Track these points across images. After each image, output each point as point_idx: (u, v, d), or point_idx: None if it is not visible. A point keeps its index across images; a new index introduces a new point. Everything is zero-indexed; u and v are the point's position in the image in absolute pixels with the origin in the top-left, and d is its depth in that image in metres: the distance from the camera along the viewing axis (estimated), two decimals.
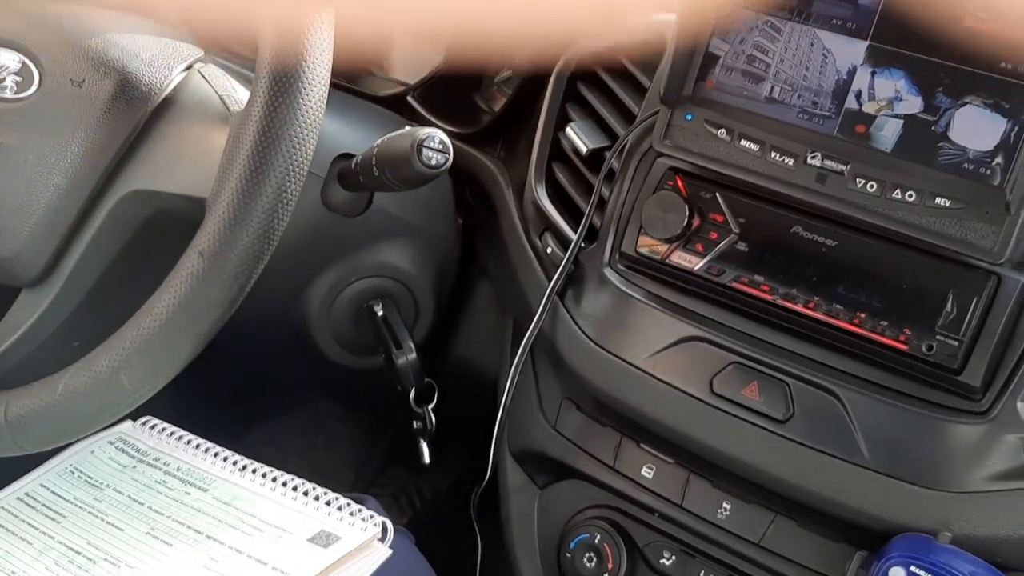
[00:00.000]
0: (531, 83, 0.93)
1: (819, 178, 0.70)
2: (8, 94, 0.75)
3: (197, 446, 0.82)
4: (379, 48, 1.09)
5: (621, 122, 0.84)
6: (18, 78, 0.76)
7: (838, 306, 0.71)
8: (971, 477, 0.66)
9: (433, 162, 0.77)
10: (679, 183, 0.77)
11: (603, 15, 0.87)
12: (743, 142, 0.73)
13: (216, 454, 0.81)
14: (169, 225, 0.74)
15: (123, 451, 0.83)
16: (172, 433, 0.84)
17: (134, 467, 0.81)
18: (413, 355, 0.92)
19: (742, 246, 0.75)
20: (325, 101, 0.70)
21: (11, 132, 0.75)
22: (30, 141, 0.75)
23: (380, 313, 0.93)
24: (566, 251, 0.82)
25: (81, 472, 0.81)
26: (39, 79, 0.75)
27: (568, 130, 0.86)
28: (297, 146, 0.68)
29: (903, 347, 0.68)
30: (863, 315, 0.70)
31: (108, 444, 0.83)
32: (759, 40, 0.73)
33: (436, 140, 0.77)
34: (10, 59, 0.76)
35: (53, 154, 0.74)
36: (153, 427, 0.85)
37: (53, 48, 0.76)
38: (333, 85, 0.71)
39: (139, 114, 0.74)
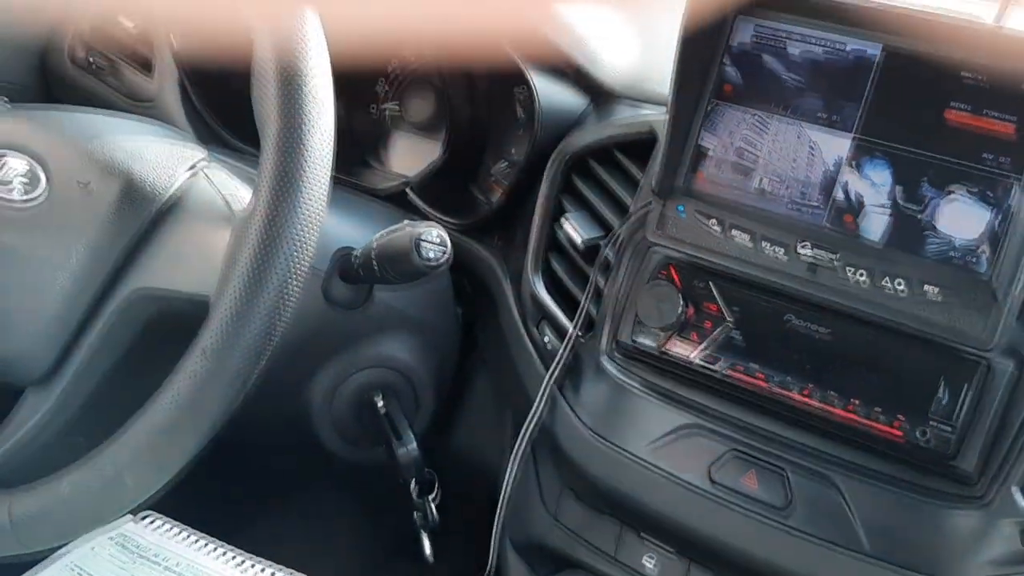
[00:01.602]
0: (527, 175, 0.95)
1: (810, 268, 0.71)
2: (16, 196, 0.77)
3: (196, 541, 0.82)
4: (377, 141, 1.11)
5: (615, 213, 0.86)
6: (26, 180, 0.77)
7: (832, 393, 0.72)
8: (969, 563, 0.66)
9: (432, 257, 0.79)
10: (673, 273, 0.78)
11: None
12: (734, 233, 0.74)
13: (215, 549, 0.81)
14: (173, 324, 0.75)
15: (123, 548, 0.83)
16: (171, 529, 0.84)
17: (134, 564, 0.81)
18: (414, 446, 0.93)
19: (737, 335, 0.76)
20: (326, 201, 0.71)
21: (19, 234, 0.76)
22: (37, 243, 0.76)
23: (381, 405, 0.94)
24: (563, 342, 0.83)
25: (82, 570, 0.81)
26: (46, 182, 0.77)
27: (563, 222, 0.88)
28: (298, 245, 0.69)
29: (898, 434, 0.69)
30: (857, 402, 0.71)
31: (108, 541, 0.83)
32: (747, 134, 0.75)
33: (434, 236, 0.79)
34: (18, 163, 0.78)
35: (60, 255, 0.75)
36: (153, 522, 0.85)
37: (59, 151, 0.78)
38: (333, 178, 0.72)
39: (144, 215, 0.75)
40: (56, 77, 1.21)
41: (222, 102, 1.10)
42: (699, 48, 0.75)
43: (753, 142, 0.74)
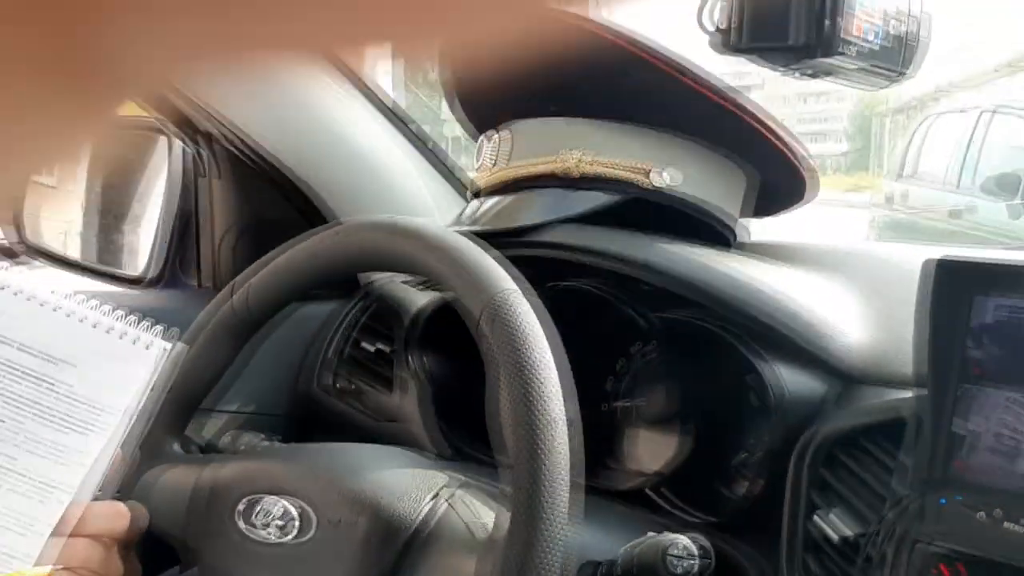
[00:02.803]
0: (770, 466, 0.92)
1: None
2: (272, 538, 0.80)
3: None
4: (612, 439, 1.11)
5: (869, 506, 0.81)
6: (281, 522, 0.81)
7: None
8: None
9: (679, 571, 0.76)
10: (944, 572, 0.72)
11: None
12: (1007, 524, 0.69)
13: None
14: None
15: None
16: None
17: None
18: None
19: None
20: (567, 524, 0.71)
21: (275, 574, 0.79)
22: None
23: None
24: None
25: None
26: (300, 522, 0.80)
27: (816, 519, 0.83)
28: (544, 570, 0.69)
29: None
30: None
31: None
32: (1004, 417, 0.70)
33: (680, 547, 0.76)
34: (274, 505, 0.81)
35: None
36: None
37: (312, 491, 0.81)
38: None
39: (393, 548, 0.77)
40: (305, 401, 1.28)
41: (463, 415, 1.13)
42: (941, 330, 0.72)
43: (1012, 424, 0.70)
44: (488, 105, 1.15)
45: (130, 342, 0.78)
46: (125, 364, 0.77)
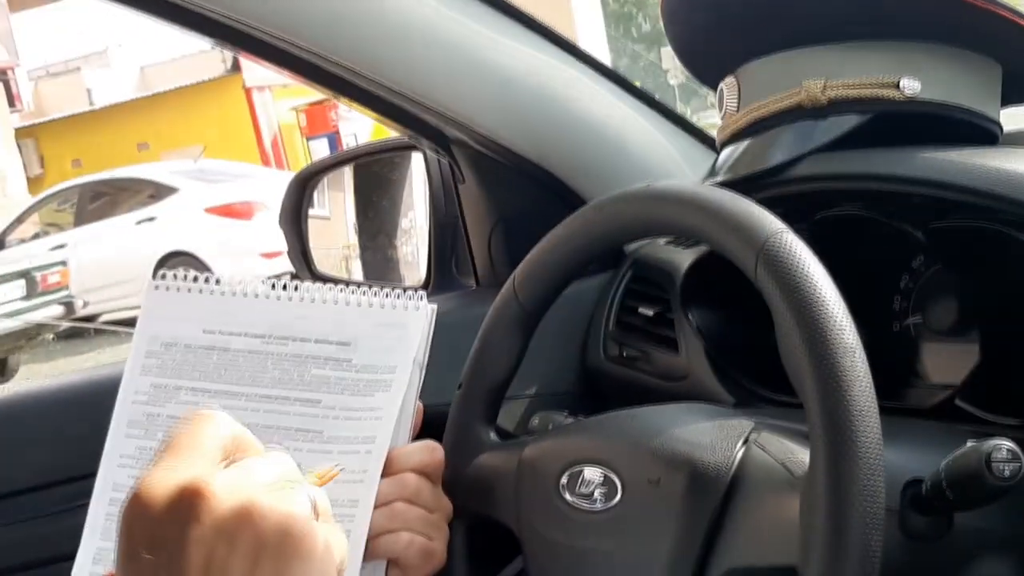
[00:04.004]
0: None
1: None
2: (598, 506, 0.85)
3: None
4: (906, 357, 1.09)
5: None
6: (604, 489, 0.85)
7: None
8: None
9: (1007, 474, 0.75)
10: None
11: None
12: None
13: None
14: None
15: None
16: None
17: None
18: None
19: None
20: (881, 444, 0.72)
21: (609, 538, 0.84)
22: (625, 544, 0.83)
23: None
24: None
25: None
26: (621, 486, 0.84)
27: None
28: (869, 496, 0.70)
29: None
30: None
31: None
32: None
33: (1004, 451, 0.75)
34: (594, 473, 0.86)
35: (647, 552, 0.81)
36: None
37: (627, 456, 0.85)
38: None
39: (714, 499, 0.80)
40: (593, 375, 1.33)
41: (747, 362, 1.15)
42: None
43: None
44: (714, 54, 1.16)
45: (402, 308, 0.90)
46: (403, 328, 0.89)
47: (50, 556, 1.20)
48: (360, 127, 15.63)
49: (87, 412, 1.01)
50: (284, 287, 0.90)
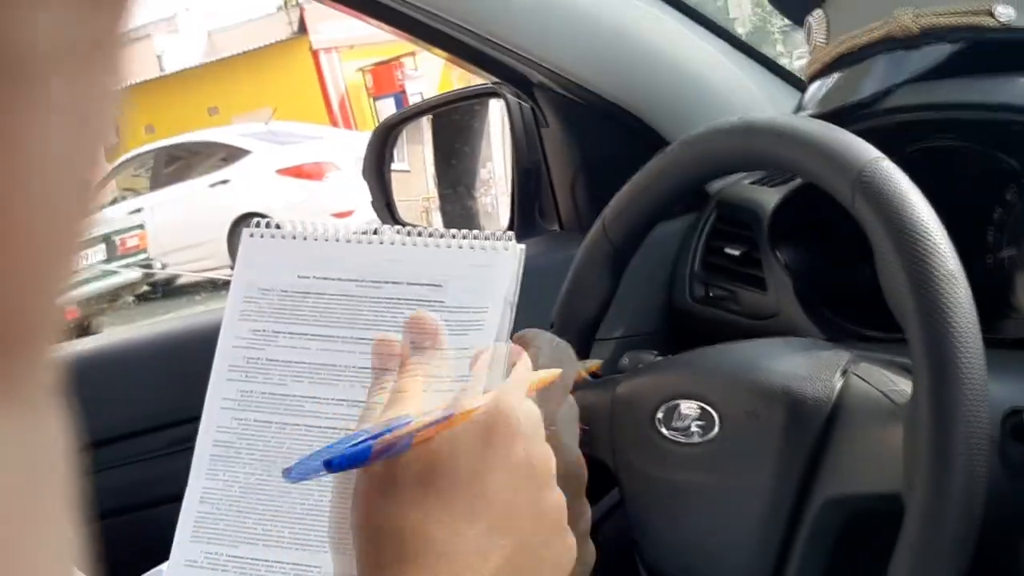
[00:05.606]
0: None
1: None
2: (696, 439, 0.86)
3: None
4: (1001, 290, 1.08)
5: None
6: (701, 422, 0.86)
7: None
8: None
9: None
10: None
11: None
12: None
13: None
14: (863, 526, 0.78)
15: None
16: None
17: None
18: None
19: None
20: (985, 371, 0.71)
21: (708, 472, 0.84)
22: (723, 477, 0.84)
23: None
24: None
25: None
26: (719, 420, 0.85)
27: None
28: (973, 423, 0.70)
29: None
30: None
31: None
32: None
33: None
34: (691, 408, 0.87)
35: (747, 484, 0.82)
36: None
37: (723, 390, 0.85)
38: None
39: (814, 430, 0.80)
40: (681, 316, 1.33)
41: (840, 296, 1.14)
42: None
43: None
44: None
45: (491, 249, 0.89)
46: (492, 268, 0.89)
47: (154, 499, 1.24)
48: (426, 85, 15.64)
49: (185, 359, 1.04)
50: (375, 231, 0.92)
